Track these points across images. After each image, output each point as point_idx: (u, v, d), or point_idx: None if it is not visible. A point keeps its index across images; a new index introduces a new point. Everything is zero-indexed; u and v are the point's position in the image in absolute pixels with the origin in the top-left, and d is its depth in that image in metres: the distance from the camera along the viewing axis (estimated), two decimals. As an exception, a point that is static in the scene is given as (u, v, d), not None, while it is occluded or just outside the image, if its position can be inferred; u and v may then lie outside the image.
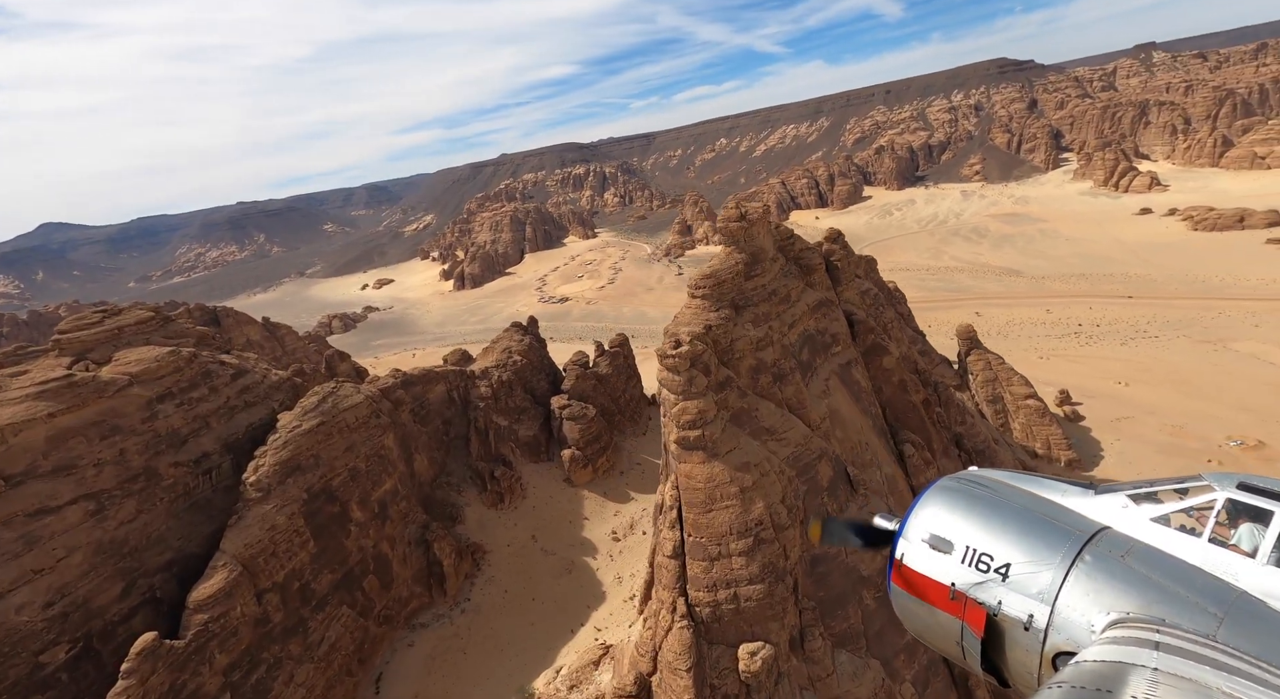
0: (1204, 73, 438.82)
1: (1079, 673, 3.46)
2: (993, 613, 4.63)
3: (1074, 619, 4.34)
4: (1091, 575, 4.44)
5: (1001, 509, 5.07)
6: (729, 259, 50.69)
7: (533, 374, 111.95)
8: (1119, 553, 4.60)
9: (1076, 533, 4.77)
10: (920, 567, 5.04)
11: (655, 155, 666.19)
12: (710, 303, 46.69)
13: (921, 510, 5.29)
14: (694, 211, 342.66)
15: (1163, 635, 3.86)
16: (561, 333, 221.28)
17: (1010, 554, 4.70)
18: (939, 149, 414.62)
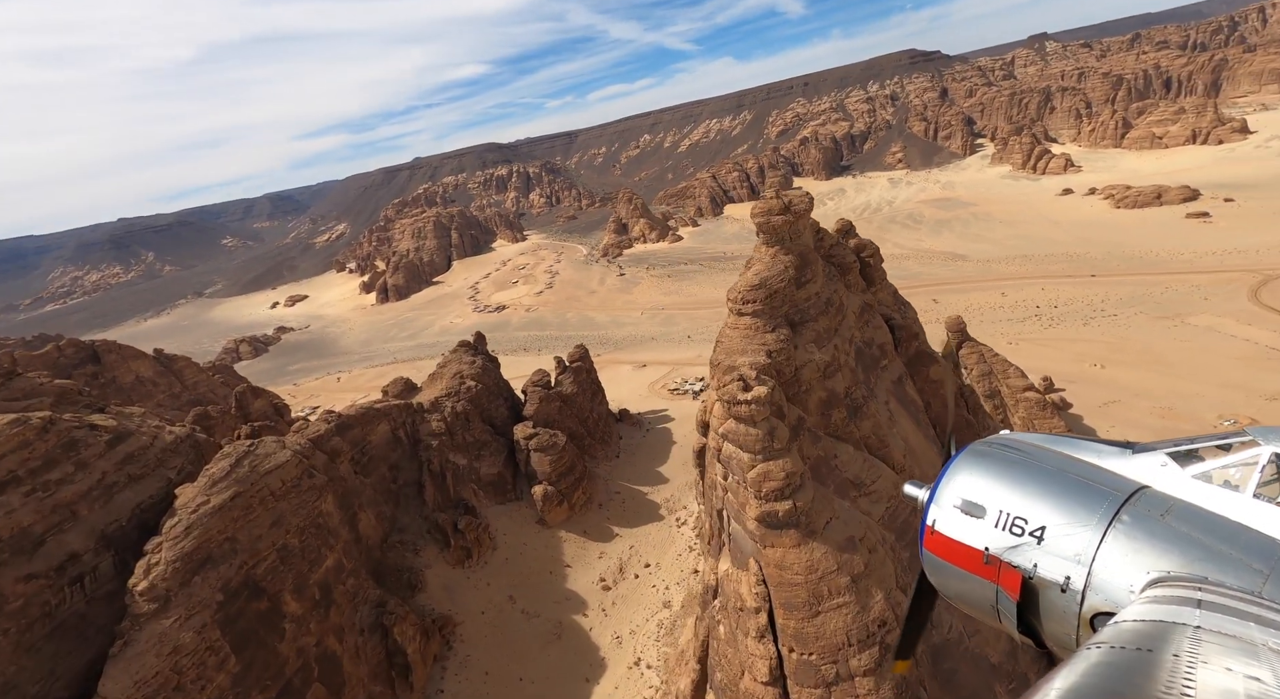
0: (1092, 61, 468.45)
1: (1119, 632, 3.41)
2: (1028, 576, 4.53)
3: (1112, 580, 4.25)
4: (1130, 535, 4.35)
5: (1035, 471, 4.94)
6: (776, 262, 40.20)
7: (490, 401, 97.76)
8: (1159, 512, 4.50)
9: (1114, 493, 4.65)
10: (953, 532, 4.92)
11: (579, 154, 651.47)
12: (764, 321, 36.15)
13: (953, 476, 5.16)
14: (628, 209, 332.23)
15: (1205, 593, 3.79)
16: (504, 344, 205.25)
17: (1045, 516, 4.60)
18: (861, 138, 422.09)
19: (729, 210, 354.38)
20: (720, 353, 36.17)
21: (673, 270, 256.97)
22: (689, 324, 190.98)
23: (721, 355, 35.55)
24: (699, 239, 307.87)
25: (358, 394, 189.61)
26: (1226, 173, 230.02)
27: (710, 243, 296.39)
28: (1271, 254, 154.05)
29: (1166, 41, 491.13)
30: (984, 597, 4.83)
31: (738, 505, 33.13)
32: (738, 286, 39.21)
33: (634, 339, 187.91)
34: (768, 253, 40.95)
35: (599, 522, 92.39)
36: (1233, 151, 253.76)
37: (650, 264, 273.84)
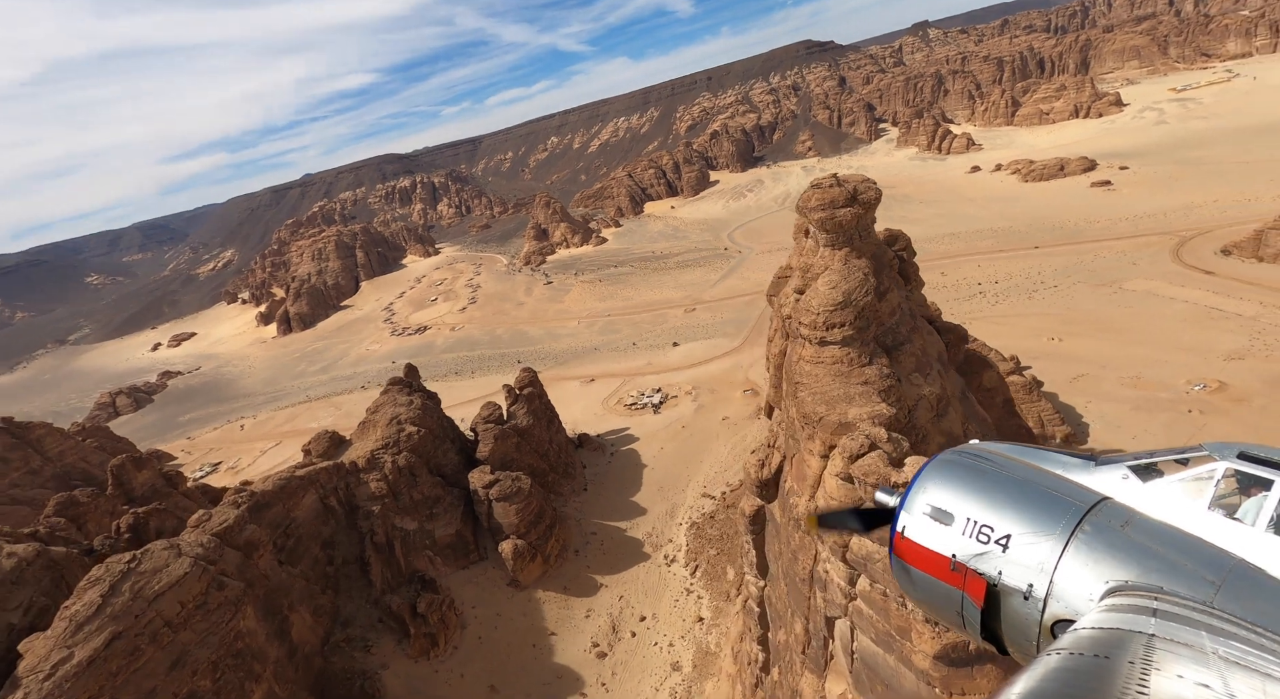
0: (971, 46, 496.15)
1: (1077, 640, 3.55)
2: (992, 583, 4.67)
3: (1073, 588, 4.39)
4: (1091, 545, 4.49)
5: (1002, 481, 5.09)
6: (851, 270, 31.09)
7: (436, 446, 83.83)
8: (1119, 523, 4.65)
9: (1076, 504, 4.80)
10: (921, 539, 5.06)
11: (485, 160, 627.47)
12: (857, 351, 27.03)
13: (923, 483, 5.28)
14: (546, 214, 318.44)
15: (1160, 602, 3.96)
16: (431, 369, 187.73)
17: (1010, 525, 4.74)
18: (770, 129, 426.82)
19: (650, 208, 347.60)
20: (812, 400, 26.84)
21: (603, 274, 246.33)
22: (632, 330, 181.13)
23: (817, 405, 26.20)
24: (624, 240, 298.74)
25: (268, 442, 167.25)
26: (1112, 143, 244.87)
27: (637, 243, 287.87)
28: (1177, 216, 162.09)
29: (1033, 26, 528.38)
30: (949, 602, 4.88)
31: (889, 628, 23.87)
32: (812, 307, 29.87)
33: (575, 351, 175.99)
34: (835, 257, 32.01)
35: (578, 572, 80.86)
36: (1113, 123, 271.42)
37: (578, 270, 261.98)
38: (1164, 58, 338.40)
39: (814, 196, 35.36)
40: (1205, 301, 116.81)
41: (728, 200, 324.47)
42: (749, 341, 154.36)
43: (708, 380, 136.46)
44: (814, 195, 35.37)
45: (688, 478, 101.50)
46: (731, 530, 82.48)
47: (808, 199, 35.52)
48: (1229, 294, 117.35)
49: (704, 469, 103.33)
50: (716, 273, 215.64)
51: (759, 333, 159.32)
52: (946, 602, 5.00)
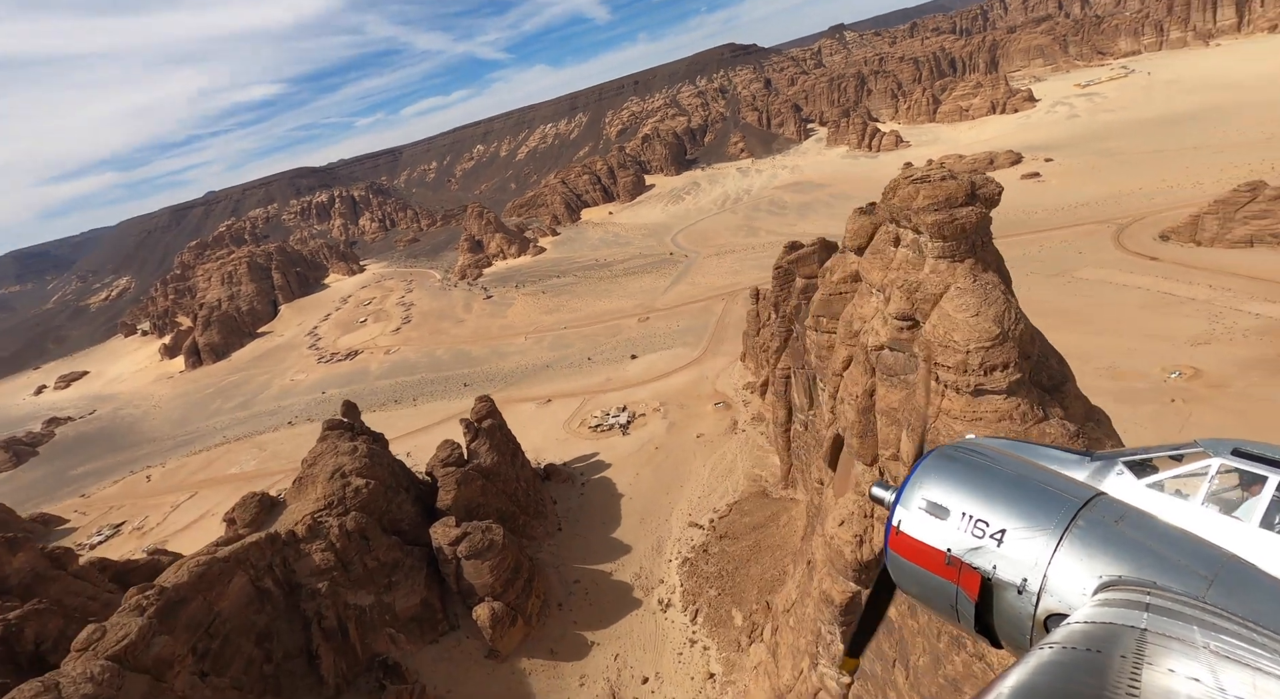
0: (885, 47, 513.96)
1: (1070, 634, 3.59)
2: (987, 577, 4.71)
3: (1067, 583, 4.43)
4: (1085, 540, 4.53)
5: (997, 477, 5.12)
6: (990, 291, 24.14)
7: (390, 500, 72.32)
8: (1112, 518, 4.68)
9: (1071, 499, 4.83)
10: (917, 533, 5.09)
11: (407, 171, 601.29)
12: (1029, 403, 19.91)
13: (919, 478, 5.30)
14: (480, 225, 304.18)
15: (1153, 597, 4.01)
16: (367, 399, 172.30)
17: (1005, 520, 4.78)
18: (701, 132, 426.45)
19: (587, 215, 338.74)
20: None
21: (547, 286, 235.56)
22: (585, 344, 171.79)
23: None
24: (564, 248, 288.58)
25: (180, 494, 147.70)
26: (1031, 137, 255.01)
27: (578, 251, 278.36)
28: (1108, 204, 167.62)
29: (939, 28, 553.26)
30: (944, 596, 4.93)
31: None
32: (957, 343, 22.76)
33: (525, 370, 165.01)
34: (958, 273, 24.80)
35: (565, 630, 71.25)
36: (1029, 118, 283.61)
37: (518, 282, 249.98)
38: (1065, 56, 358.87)
39: (920, 194, 28.25)
40: (1157, 287, 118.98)
41: (666, 204, 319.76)
42: (710, 350, 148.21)
43: (675, 395, 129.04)
44: (920, 192, 28.24)
45: (670, 506, 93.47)
46: (731, 566, 75.02)
47: (909, 197, 28.26)
48: (1177, 278, 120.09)
49: (686, 495, 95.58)
50: (665, 279, 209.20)
51: (719, 340, 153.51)
52: (941, 595, 4.96)
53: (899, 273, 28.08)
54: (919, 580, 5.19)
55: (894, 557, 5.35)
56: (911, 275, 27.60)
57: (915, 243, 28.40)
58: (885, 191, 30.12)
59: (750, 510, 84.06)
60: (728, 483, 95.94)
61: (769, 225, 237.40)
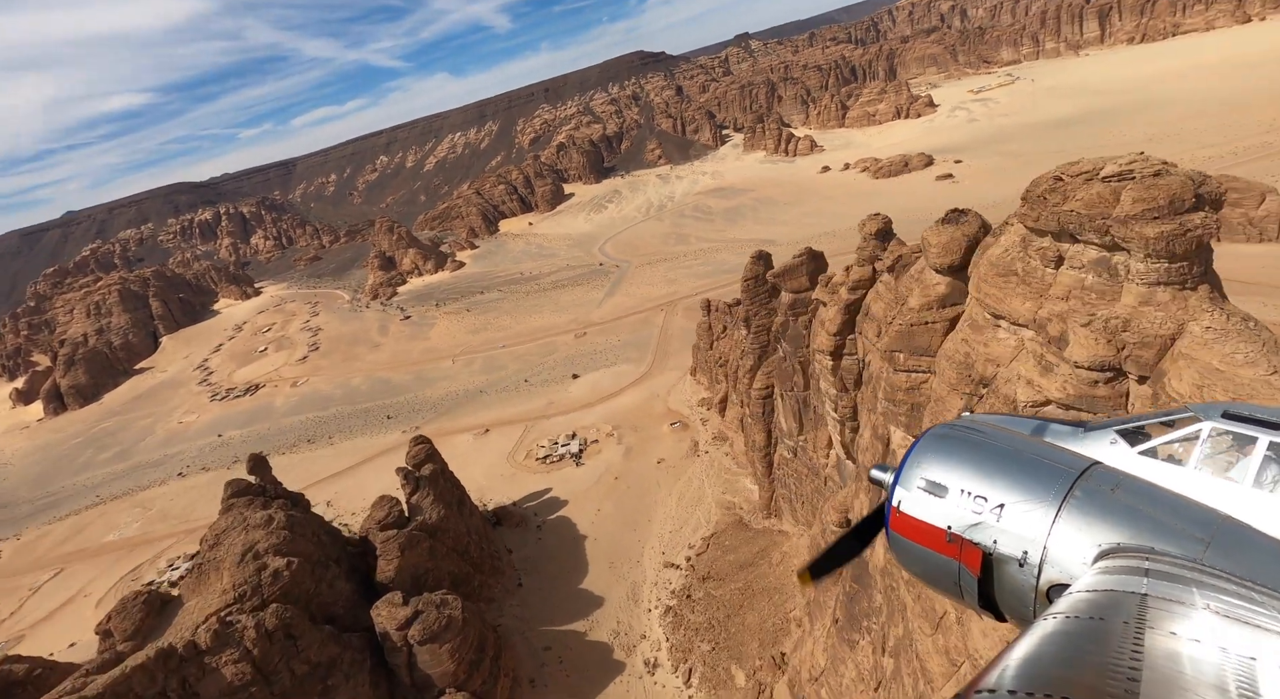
0: (789, 55, 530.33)
1: (1072, 603, 3.63)
2: (988, 552, 4.74)
3: (1067, 553, 4.47)
4: (1083, 510, 4.57)
5: (994, 452, 5.16)
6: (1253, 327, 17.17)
7: (316, 579, 59.76)
8: (1109, 486, 4.73)
9: (1067, 470, 4.87)
10: (917, 512, 5.12)
11: (303, 184, 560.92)
12: None
13: (916, 457, 5.32)
14: (391, 240, 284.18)
15: (1152, 563, 4.06)
16: (275, 441, 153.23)
17: (1003, 494, 4.80)
18: (616, 139, 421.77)
19: (506, 226, 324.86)
20: None
21: (470, 303, 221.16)
22: (519, 365, 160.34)
23: None
24: (485, 262, 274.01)
25: (42, 572, 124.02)
26: (937, 140, 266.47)
27: (500, 264, 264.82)
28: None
29: (836, 38, 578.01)
30: (947, 573, 4.94)
31: None
32: None
33: (456, 397, 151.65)
34: (1199, 304, 18.08)
35: (542, 710, 61.28)
36: (932, 123, 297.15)
37: (438, 300, 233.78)
38: (955, 64, 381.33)
39: (1127, 197, 20.86)
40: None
41: (589, 213, 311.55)
42: (657, 365, 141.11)
43: (626, 416, 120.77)
44: (1126, 195, 20.80)
45: (640, 545, 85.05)
46: (722, 615, 67.48)
47: (1101, 202, 20.72)
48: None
49: (655, 530, 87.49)
50: (598, 291, 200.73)
51: (665, 354, 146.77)
52: (944, 573, 4.97)
53: (1073, 304, 21.73)
54: (921, 559, 5.12)
55: (895, 537, 5.27)
56: (1102, 308, 21.22)
57: (1104, 264, 22.06)
58: (1038, 194, 23.59)
59: (732, 545, 77.03)
60: (699, 513, 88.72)
61: (698, 232, 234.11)
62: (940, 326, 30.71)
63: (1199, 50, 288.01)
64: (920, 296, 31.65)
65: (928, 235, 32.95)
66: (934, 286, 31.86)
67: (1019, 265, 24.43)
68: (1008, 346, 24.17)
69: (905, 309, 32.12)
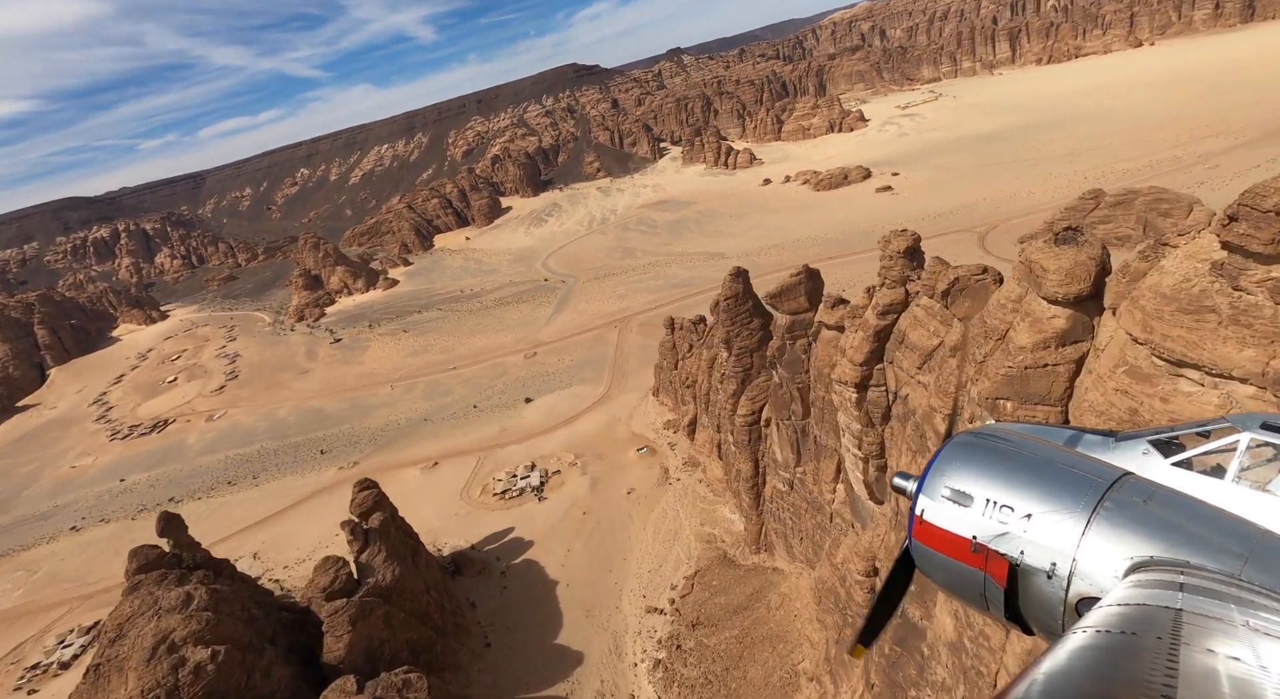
0: (721, 70, 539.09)
1: (1103, 617, 3.54)
2: (1015, 563, 4.63)
3: (1097, 566, 4.35)
4: (1114, 522, 4.45)
5: (1020, 461, 5.04)
6: None
7: (249, 668, 50.10)
8: (1141, 498, 4.60)
9: (1097, 481, 4.73)
10: (941, 521, 5.01)
11: (214, 199, 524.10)
12: None
13: (941, 466, 5.20)
14: (316, 257, 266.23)
15: (1187, 577, 3.95)
16: (190, 484, 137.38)
17: (1031, 505, 4.70)
18: (553, 151, 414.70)
19: (442, 241, 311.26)
20: None
21: (407, 323, 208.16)
22: (467, 389, 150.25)
23: None
24: (420, 280, 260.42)
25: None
26: (871, 154, 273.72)
27: (437, 282, 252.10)
28: (962, 214, 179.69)
29: (765, 54, 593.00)
30: (972, 584, 4.85)
31: None
32: None
33: (398, 427, 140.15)
34: None
35: (528, 800, 53.37)
36: (865, 137, 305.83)
37: (371, 320, 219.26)
38: (881, 81, 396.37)
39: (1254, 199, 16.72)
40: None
41: (529, 227, 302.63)
42: (615, 386, 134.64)
43: (588, 443, 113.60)
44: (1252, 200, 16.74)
45: (617, 588, 78.14)
46: (719, 668, 61.50)
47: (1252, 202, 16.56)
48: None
49: (633, 569, 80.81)
50: (545, 308, 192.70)
51: (623, 374, 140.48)
52: (969, 584, 4.87)
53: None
54: (945, 569, 5.00)
55: (919, 546, 5.16)
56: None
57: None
58: (1267, 209, 19.15)
59: (721, 585, 71.35)
60: (678, 548, 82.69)
61: (644, 246, 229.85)
62: (1065, 370, 26.26)
63: (1100, 71, 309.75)
64: (1032, 333, 27.07)
65: (1039, 258, 28.54)
66: (1049, 321, 27.37)
67: (1221, 300, 20.23)
68: (1205, 404, 19.85)
69: (1014, 348, 27.38)
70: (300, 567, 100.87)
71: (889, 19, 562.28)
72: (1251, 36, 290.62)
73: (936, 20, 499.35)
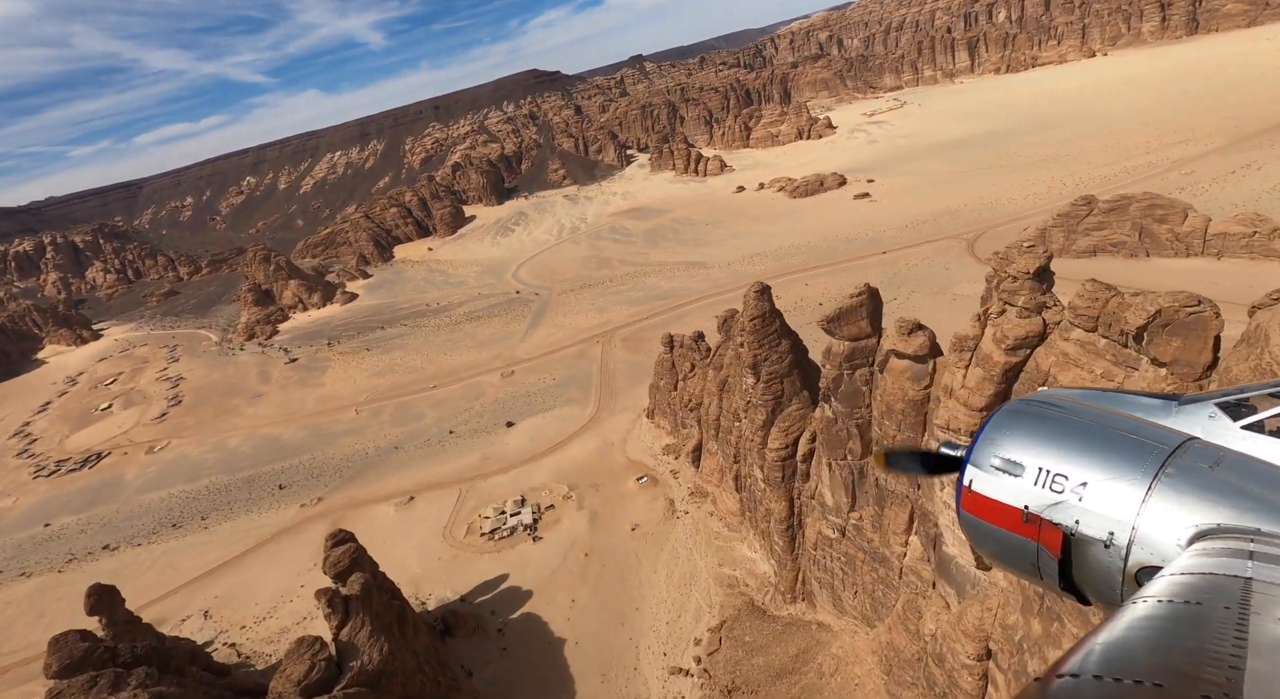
0: (683, 78, 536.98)
1: (1166, 586, 3.43)
2: (1069, 533, 4.47)
3: (1159, 534, 4.17)
4: (1177, 488, 4.25)
5: (1075, 427, 4.82)
6: None
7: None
8: (1207, 463, 4.37)
9: (1159, 446, 4.53)
10: (991, 491, 4.86)
11: (152, 209, 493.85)
12: None
13: (990, 434, 5.04)
14: (267, 270, 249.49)
15: (1258, 545, 3.75)
16: (127, 528, 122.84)
17: (1086, 472, 4.52)
18: (516, 159, 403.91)
19: (403, 252, 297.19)
20: None
21: (369, 340, 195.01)
22: (440, 413, 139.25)
23: None
24: (381, 293, 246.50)
25: None
26: (843, 160, 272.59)
27: (400, 294, 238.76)
28: (945, 220, 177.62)
29: (726, 62, 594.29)
30: (1024, 555, 4.74)
31: None
32: None
33: (366, 457, 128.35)
34: None
35: None
36: (834, 144, 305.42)
37: (330, 338, 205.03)
38: (845, 88, 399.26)
39: None
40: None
41: (495, 237, 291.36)
42: (604, 407, 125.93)
43: (582, 472, 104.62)
44: None
45: (633, 645, 69.51)
46: (770, 743, 53.46)
47: None
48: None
49: (648, 621, 72.31)
50: (520, 322, 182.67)
51: (611, 393, 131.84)
52: (1021, 554, 4.73)
53: None
54: (996, 539, 4.84)
55: (967, 517, 5.01)
56: None
57: None
58: None
59: (756, 641, 63.45)
60: (696, 595, 74.59)
61: (620, 255, 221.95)
62: None
63: (1058, 79, 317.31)
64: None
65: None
66: None
67: None
68: None
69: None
70: (261, 626, 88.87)
71: (845, 29, 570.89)
72: (1198, 48, 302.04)
73: (893, 31, 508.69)
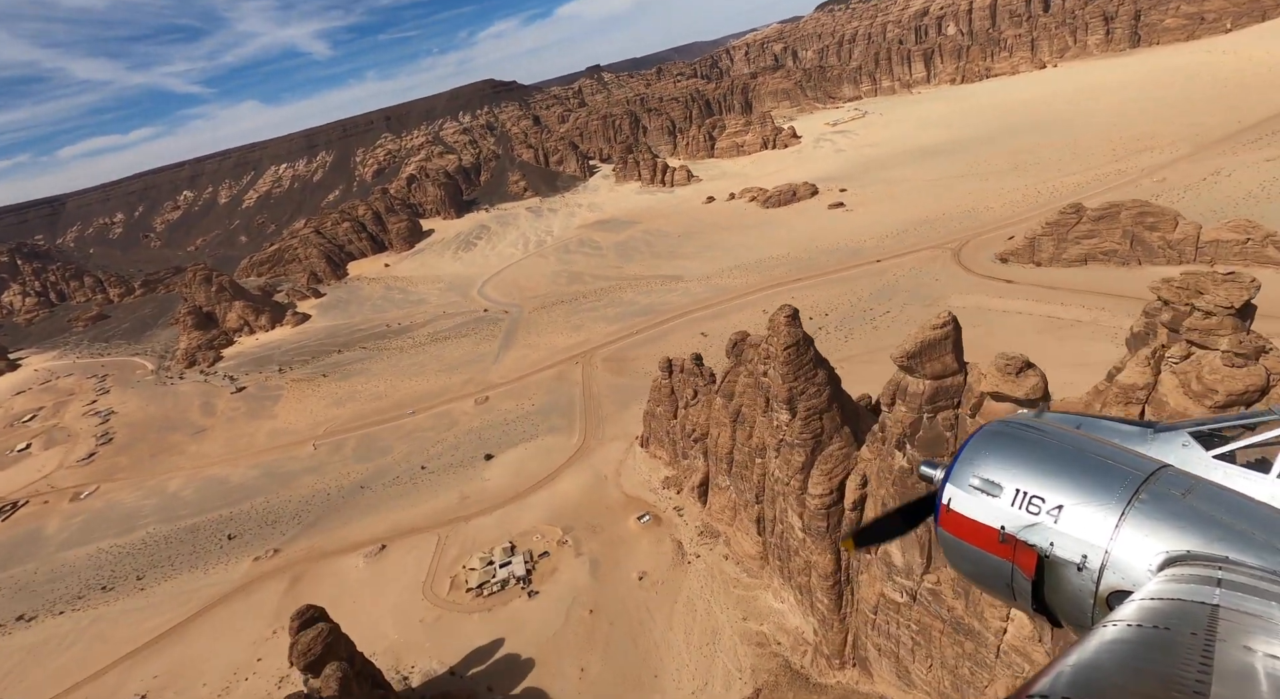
0: (642, 88, 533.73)
1: (1136, 610, 3.50)
2: (1044, 554, 4.58)
3: (1130, 559, 4.28)
4: (1149, 514, 4.37)
5: (1052, 451, 4.94)
6: None
7: None
8: (1179, 491, 4.49)
9: (1134, 472, 4.64)
10: (968, 511, 4.96)
11: (77, 226, 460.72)
12: None
13: (969, 455, 5.13)
14: (209, 291, 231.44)
15: (1226, 572, 3.85)
16: (48, 592, 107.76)
17: (1062, 496, 4.63)
18: (474, 170, 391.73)
19: (357, 269, 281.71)
20: None
21: (325, 366, 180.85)
22: (409, 445, 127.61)
23: None
24: (336, 313, 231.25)
25: None
26: (811, 170, 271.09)
27: (357, 314, 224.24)
28: (927, 229, 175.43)
29: (683, 73, 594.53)
30: (999, 575, 4.84)
31: None
32: None
33: (327, 499, 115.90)
34: None
35: None
36: (800, 153, 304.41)
37: (281, 364, 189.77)
38: (806, 98, 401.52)
39: None
40: (1036, 311, 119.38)
41: (457, 251, 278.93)
42: (592, 435, 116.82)
43: (575, 510, 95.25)
44: None
45: (658, 720, 60.64)
46: None
47: None
48: (1044, 300, 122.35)
49: (670, 691, 63.64)
50: (491, 342, 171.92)
51: (597, 420, 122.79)
52: (996, 574, 4.84)
53: None
54: (971, 559, 4.96)
55: (945, 535, 5.10)
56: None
57: None
58: None
59: (804, 715, 55.47)
60: (722, 656, 66.29)
61: (591, 270, 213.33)
62: None
63: (1012, 89, 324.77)
64: None
65: None
66: None
67: None
68: None
69: None
70: (209, 713, 76.37)
71: (800, 41, 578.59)
72: (1143, 60, 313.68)
73: (845, 43, 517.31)
